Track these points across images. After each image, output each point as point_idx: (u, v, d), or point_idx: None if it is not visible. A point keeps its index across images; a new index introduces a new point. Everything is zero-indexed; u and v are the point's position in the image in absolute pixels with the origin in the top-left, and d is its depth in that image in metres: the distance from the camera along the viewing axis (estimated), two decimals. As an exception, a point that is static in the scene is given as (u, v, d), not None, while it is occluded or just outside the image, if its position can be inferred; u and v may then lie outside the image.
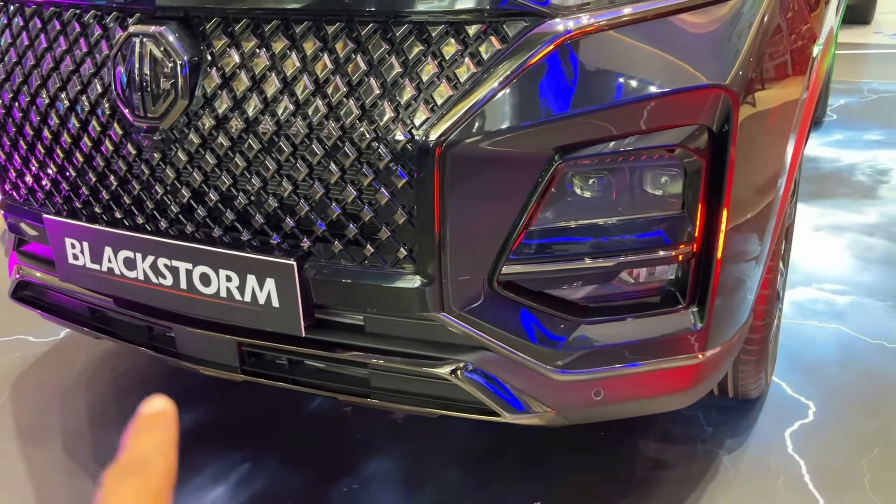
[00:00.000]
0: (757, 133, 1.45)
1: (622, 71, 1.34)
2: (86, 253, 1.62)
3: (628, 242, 1.43)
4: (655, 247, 1.44)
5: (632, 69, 1.34)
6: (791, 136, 1.62)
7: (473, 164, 1.33)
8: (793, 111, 1.59)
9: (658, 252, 1.44)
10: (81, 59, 1.53)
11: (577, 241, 1.42)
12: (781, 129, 1.56)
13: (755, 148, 1.46)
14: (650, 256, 1.44)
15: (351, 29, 1.34)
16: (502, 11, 1.30)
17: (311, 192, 1.39)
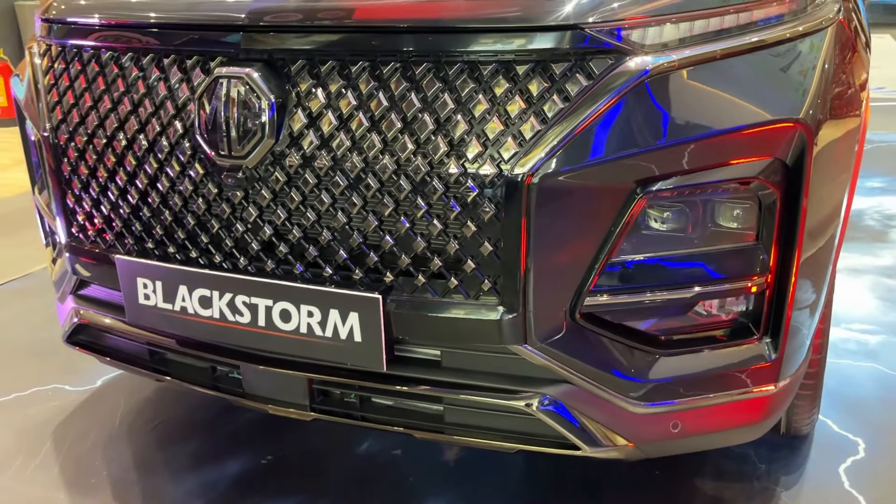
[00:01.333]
0: (827, 167, 1.50)
1: (700, 106, 1.39)
2: (158, 293, 1.62)
3: (706, 274, 1.46)
4: (732, 278, 1.47)
5: (709, 105, 1.39)
6: (850, 171, 1.67)
7: (559, 197, 1.36)
8: (853, 147, 1.64)
9: (734, 283, 1.47)
10: (163, 101, 1.56)
11: (657, 273, 1.45)
12: (845, 164, 1.61)
13: (825, 182, 1.50)
14: (727, 288, 1.47)
15: (438, 68, 1.38)
16: (587, 49, 1.35)
17: (397, 226, 1.42)
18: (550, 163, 1.33)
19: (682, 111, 1.38)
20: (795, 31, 1.51)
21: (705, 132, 1.38)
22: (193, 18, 1.53)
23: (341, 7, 1.45)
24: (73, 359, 2.68)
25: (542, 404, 1.47)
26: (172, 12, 1.57)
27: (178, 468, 2.12)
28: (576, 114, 1.34)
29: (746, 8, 1.46)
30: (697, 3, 1.42)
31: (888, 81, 8.35)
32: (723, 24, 1.44)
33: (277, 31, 1.46)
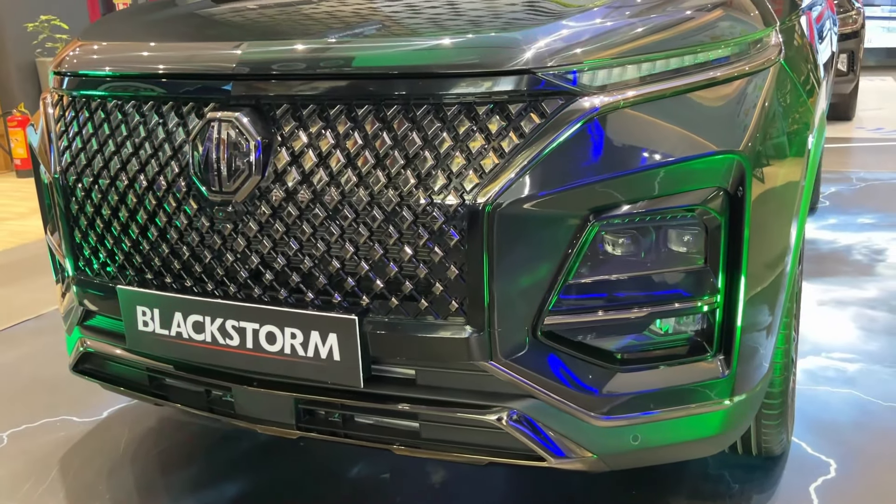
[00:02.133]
0: (768, 196, 1.62)
1: (646, 140, 1.52)
2: (156, 319, 1.75)
3: (658, 295, 1.57)
4: (682, 299, 1.58)
5: (655, 138, 1.53)
6: (796, 200, 1.79)
7: (517, 224, 1.49)
8: (796, 177, 1.76)
9: (685, 303, 1.58)
10: (161, 143, 1.71)
11: (611, 294, 1.56)
12: (789, 194, 1.73)
13: (768, 209, 1.62)
14: (678, 307, 1.58)
15: (407, 110, 1.53)
16: (540, 91, 1.49)
17: (372, 253, 1.55)
18: (509, 193, 1.47)
19: (629, 145, 1.52)
20: (738, 71, 1.65)
21: (652, 164, 1.51)
22: (189, 69, 1.69)
23: (318, 57, 1.60)
24: (81, 392, 2.81)
25: (511, 419, 1.58)
26: (171, 64, 1.73)
27: (179, 492, 2.22)
28: (531, 149, 1.47)
29: (691, 51, 1.61)
30: (643, 48, 1.57)
31: (886, 122, 8.49)
32: (668, 65, 1.58)
33: (263, 79, 1.62)
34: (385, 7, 1.95)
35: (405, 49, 1.59)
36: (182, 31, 2.01)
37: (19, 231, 5.50)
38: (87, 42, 1.94)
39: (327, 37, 1.69)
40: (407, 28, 1.76)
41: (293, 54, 1.63)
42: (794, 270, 1.87)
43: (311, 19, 1.93)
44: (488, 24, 1.71)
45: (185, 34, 1.97)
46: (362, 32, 1.71)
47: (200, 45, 1.74)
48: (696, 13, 1.71)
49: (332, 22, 1.86)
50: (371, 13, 1.89)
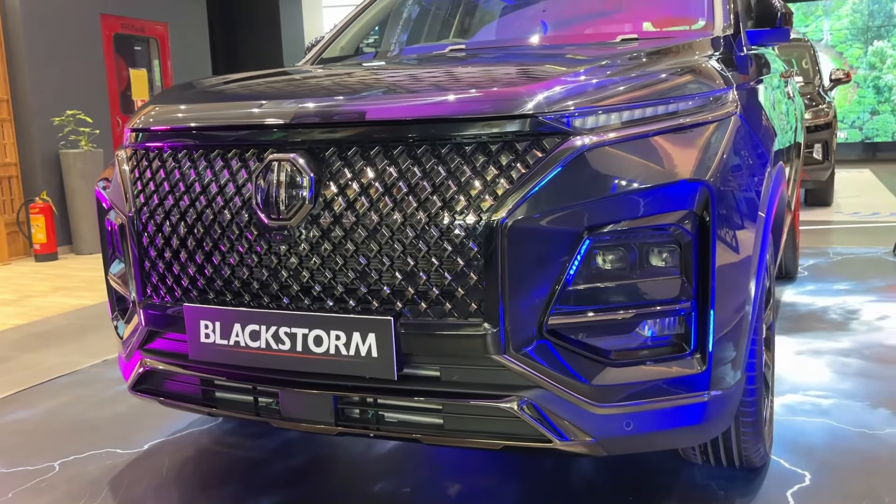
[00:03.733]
0: (730, 217, 1.96)
1: (628, 171, 1.87)
2: (217, 331, 2.06)
3: (642, 300, 1.89)
4: (661, 303, 1.90)
5: (636, 169, 1.88)
6: (756, 223, 2.12)
7: (525, 238, 1.82)
8: (755, 203, 2.11)
9: (663, 307, 1.90)
10: (226, 182, 2.06)
11: (603, 298, 1.88)
12: (750, 216, 2.07)
13: (731, 229, 1.96)
14: (658, 310, 1.90)
15: (433, 148, 1.88)
16: (541, 132, 1.85)
17: (404, 265, 1.87)
18: (517, 213, 1.80)
19: (614, 174, 1.86)
20: (702, 119, 2.02)
21: (634, 190, 1.86)
22: (253, 121, 2.05)
23: (359, 109, 1.97)
24: (122, 429, 3.06)
25: (522, 406, 1.87)
26: (237, 117, 2.09)
27: None
28: (535, 177, 1.82)
29: (664, 103, 1.98)
30: (625, 100, 1.94)
31: (863, 208, 8.97)
32: (644, 113, 1.95)
33: (314, 127, 1.98)
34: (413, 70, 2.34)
35: (431, 100, 1.96)
36: (242, 93, 2.39)
37: (43, 306, 5.79)
38: (161, 104, 2.31)
39: (367, 92, 2.07)
40: (432, 84, 2.14)
41: (338, 107, 2.00)
42: (761, 285, 2.18)
43: (353, 81, 2.32)
44: (501, 79, 2.09)
45: (244, 95, 2.35)
46: (395, 89, 2.08)
47: (262, 102, 2.11)
48: (670, 76, 2.10)
49: (371, 82, 2.25)
50: (401, 76, 2.28)
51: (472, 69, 2.32)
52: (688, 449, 2.44)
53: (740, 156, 2.07)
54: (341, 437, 2.91)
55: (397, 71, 2.39)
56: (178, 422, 3.11)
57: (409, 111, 1.93)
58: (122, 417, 3.24)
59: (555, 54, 2.60)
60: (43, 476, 2.72)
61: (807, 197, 9.24)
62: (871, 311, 4.38)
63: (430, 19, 3.70)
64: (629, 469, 2.58)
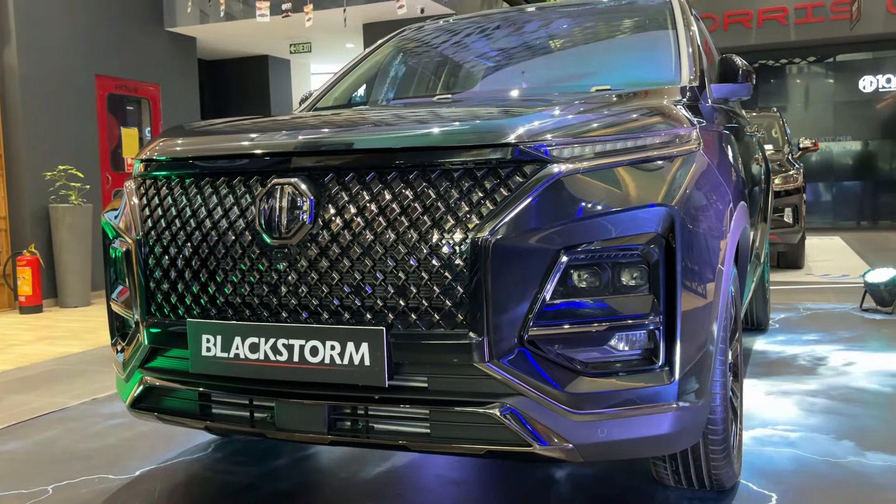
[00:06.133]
0: (693, 240, 2.14)
1: (603, 195, 2.06)
2: (218, 344, 2.19)
3: (613, 315, 2.05)
4: (633, 318, 2.06)
5: (609, 195, 2.06)
6: (719, 248, 2.30)
7: (507, 255, 1.98)
8: (718, 230, 2.30)
9: (634, 322, 2.06)
10: (231, 205, 2.22)
11: (578, 312, 2.04)
12: (712, 242, 2.25)
13: (694, 250, 2.14)
14: (629, 324, 2.06)
15: (424, 173, 2.06)
16: (522, 159, 2.04)
17: (396, 279, 2.03)
18: (500, 232, 1.97)
19: (588, 199, 2.05)
20: (668, 153, 2.23)
21: (605, 212, 2.04)
22: (258, 149, 2.23)
23: (355, 138, 2.16)
24: (115, 458, 3.14)
25: (504, 411, 2.00)
26: (242, 147, 2.27)
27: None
28: (516, 200, 2.00)
29: (633, 137, 2.19)
30: (599, 133, 2.14)
31: (833, 270, 9.23)
32: (615, 146, 2.15)
33: (314, 154, 2.16)
34: (404, 111, 2.54)
35: (421, 130, 2.15)
36: (246, 128, 2.57)
37: (28, 353, 5.85)
38: (169, 137, 2.49)
39: (363, 125, 2.26)
40: (422, 118, 2.33)
41: (335, 137, 2.18)
42: (725, 308, 2.35)
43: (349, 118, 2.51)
44: (485, 115, 2.29)
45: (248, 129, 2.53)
46: (388, 123, 2.27)
47: (266, 134, 2.29)
48: (639, 115, 2.31)
49: (366, 119, 2.44)
50: (393, 114, 2.48)
51: (459, 109, 2.53)
52: (660, 470, 2.56)
53: (703, 188, 2.27)
54: (329, 462, 3.01)
55: (389, 111, 2.60)
56: (169, 451, 3.19)
57: (401, 140, 2.12)
58: (113, 447, 3.31)
59: (534, 98, 2.82)
60: (37, 499, 2.78)
61: (779, 259, 9.51)
62: (839, 358, 4.56)
63: (416, 76, 3.94)
64: (606, 491, 2.69)
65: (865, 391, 3.87)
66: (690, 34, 3.25)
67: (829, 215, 16.15)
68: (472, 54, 3.92)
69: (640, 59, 3.39)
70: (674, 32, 3.32)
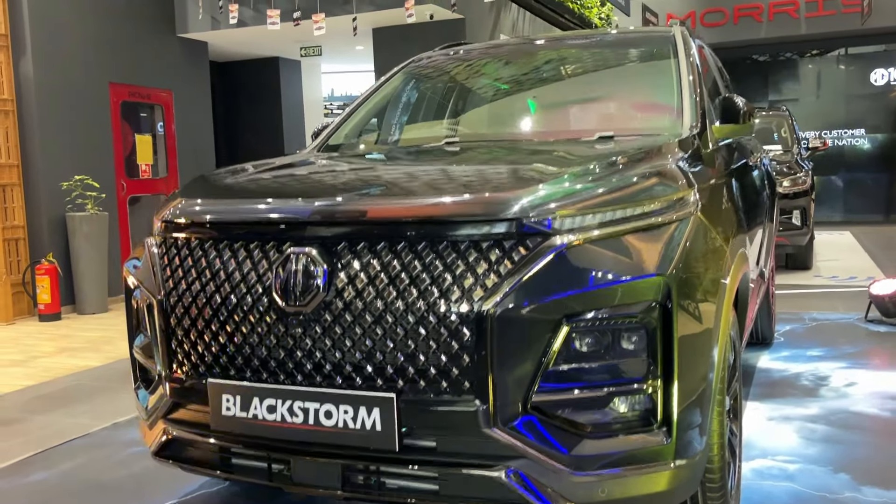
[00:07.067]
0: (689, 307, 2.23)
1: (602, 266, 2.15)
2: (237, 404, 2.30)
3: (613, 379, 2.15)
4: (631, 382, 2.16)
5: (608, 265, 2.16)
6: (717, 306, 2.39)
7: (511, 325, 2.08)
8: (714, 295, 2.39)
9: (633, 386, 2.16)
10: (249, 271, 2.33)
11: (580, 378, 2.14)
12: (708, 308, 2.34)
13: (691, 318, 2.24)
14: (628, 389, 2.16)
15: (432, 244, 2.16)
16: (526, 232, 2.14)
17: (406, 347, 2.13)
18: (504, 303, 2.07)
19: (588, 270, 2.14)
20: (666, 219, 2.31)
21: (605, 282, 2.14)
22: (274, 217, 2.34)
23: (367, 209, 2.26)
24: (139, 490, 3.27)
25: (509, 474, 2.11)
26: (259, 214, 2.38)
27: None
28: (520, 272, 2.10)
29: (632, 206, 2.28)
30: (599, 203, 2.23)
31: (841, 271, 9.28)
32: (615, 215, 2.24)
33: (329, 225, 2.26)
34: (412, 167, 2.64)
35: (431, 202, 2.25)
36: (261, 190, 2.67)
37: (50, 367, 6.00)
38: (187, 198, 2.59)
39: (374, 191, 2.36)
40: (429, 184, 2.43)
41: (348, 206, 2.28)
42: (723, 365, 2.45)
43: (360, 179, 2.61)
44: (491, 182, 2.38)
45: (264, 192, 2.63)
46: (398, 190, 2.37)
47: (281, 200, 2.40)
48: (639, 179, 2.39)
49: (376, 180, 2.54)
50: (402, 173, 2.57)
51: (466, 168, 2.62)
52: (660, 512, 2.67)
53: (699, 252, 2.36)
54: (343, 500, 3.13)
55: (398, 168, 2.70)
56: (190, 484, 3.33)
57: (410, 212, 2.22)
58: (136, 478, 3.45)
59: (539, 154, 2.90)
60: (65, 535, 2.93)
61: (787, 261, 9.57)
62: (841, 378, 4.65)
63: (423, 112, 4.03)
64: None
65: (864, 416, 3.96)
66: (692, 78, 3.32)
67: (840, 209, 16.15)
68: (478, 91, 4.01)
69: (644, 102, 3.47)
70: (677, 74, 3.38)
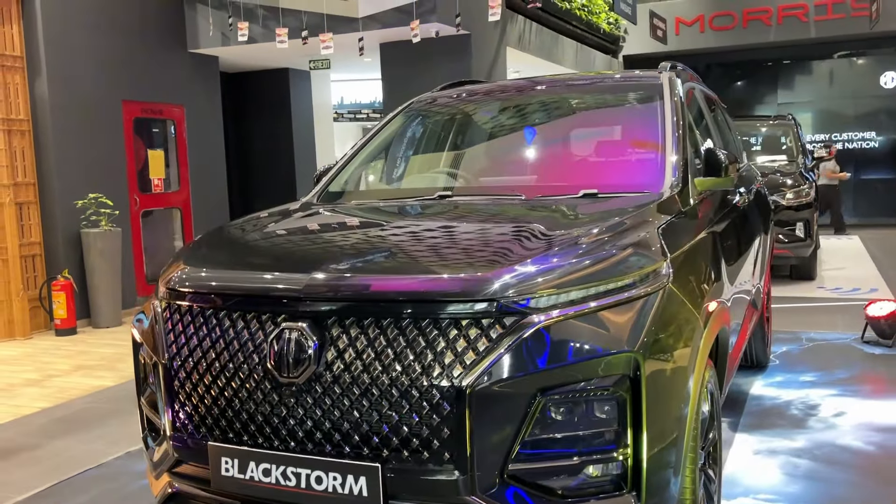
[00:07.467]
0: (659, 379, 2.37)
1: (575, 342, 2.29)
2: (235, 466, 2.46)
3: (585, 448, 2.30)
4: (604, 450, 2.30)
5: (581, 341, 2.29)
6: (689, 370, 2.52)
7: (489, 400, 2.23)
8: (683, 365, 2.52)
9: (605, 454, 2.30)
10: (245, 342, 2.48)
11: (554, 447, 2.28)
12: (677, 377, 2.48)
13: (660, 389, 2.37)
14: (600, 457, 2.30)
15: (416, 322, 2.31)
16: (502, 311, 2.28)
17: (390, 420, 2.28)
18: (482, 379, 2.22)
19: (562, 346, 2.28)
20: (637, 294, 2.44)
21: (577, 359, 2.28)
22: (268, 293, 2.49)
23: (354, 287, 2.40)
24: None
25: (490, 538, 2.26)
26: (256, 286, 2.53)
27: None
28: (497, 349, 2.24)
29: (605, 283, 2.41)
30: (572, 282, 2.37)
31: (846, 282, 9.35)
32: (588, 293, 2.38)
33: (320, 301, 2.41)
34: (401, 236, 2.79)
35: (414, 282, 2.39)
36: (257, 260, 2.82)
37: (65, 387, 6.21)
38: (189, 264, 2.76)
39: (363, 264, 2.51)
40: (417, 263, 2.57)
41: (336, 283, 2.43)
42: (695, 423, 2.58)
43: (351, 248, 2.76)
44: (471, 265, 2.52)
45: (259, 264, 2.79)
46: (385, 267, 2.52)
47: (274, 275, 2.55)
48: (613, 254, 2.51)
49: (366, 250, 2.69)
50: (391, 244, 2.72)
51: (450, 238, 2.77)
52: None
53: (669, 321, 2.49)
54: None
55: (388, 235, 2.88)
56: (196, 521, 3.50)
57: (394, 291, 2.36)
58: (145, 515, 3.63)
59: (522, 221, 3.00)
60: (78, 575, 3.10)
61: (791, 272, 9.66)
62: (830, 407, 4.76)
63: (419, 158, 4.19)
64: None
65: (848, 450, 4.08)
66: (678, 134, 3.43)
67: (850, 212, 16.14)
68: (471, 137, 4.16)
69: (629, 157, 3.59)
70: (662, 128, 3.50)
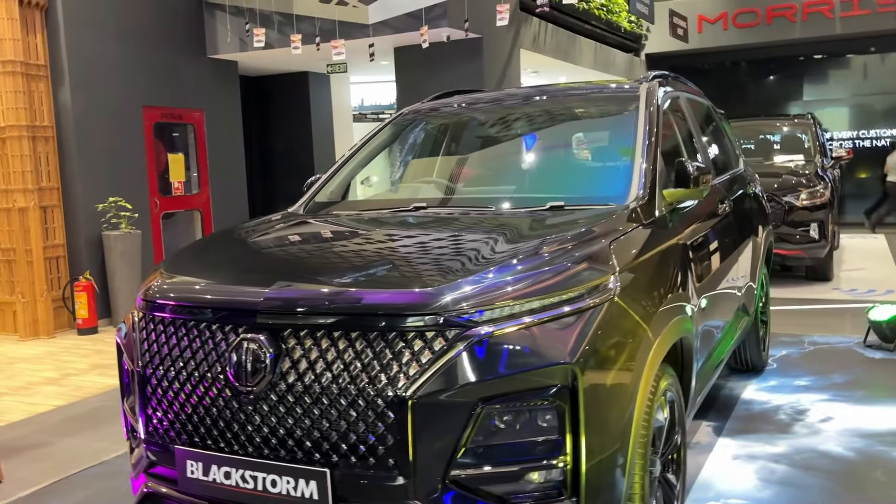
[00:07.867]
0: (597, 391, 2.46)
1: (515, 355, 2.39)
2: (199, 469, 2.61)
3: (525, 455, 2.40)
4: (544, 458, 2.40)
5: (521, 354, 2.40)
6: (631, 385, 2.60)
7: (431, 409, 2.34)
8: (630, 372, 2.61)
9: (545, 461, 2.40)
10: (210, 351, 2.63)
11: (496, 454, 2.39)
12: (617, 390, 2.56)
13: (599, 400, 2.46)
14: (540, 464, 2.40)
15: (364, 333, 2.43)
16: (444, 324, 2.39)
17: (339, 427, 2.41)
18: (425, 388, 2.33)
19: (502, 357, 2.38)
20: (582, 307, 2.54)
21: (520, 368, 2.38)
22: (231, 303, 2.64)
23: (308, 299, 2.54)
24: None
25: (431, 542, 2.38)
26: (219, 299, 2.68)
27: None
28: (439, 360, 2.35)
29: (548, 297, 2.50)
30: (516, 296, 2.47)
31: (862, 283, 9.27)
32: (532, 306, 2.48)
33: (277, 314, 2.55)
34: (370, 257, 2.92)
35: (362, 296, 2.51)
36: (224, 273, 2.97)
37: (82, 386, 6.45)
38: (166, 275, 2.91)
39: (318, 278, 2.64)
40: (368, 280, 2.69)
41: (293, 298, 2.56)
42: (645, 431, 2.66)
43: (314, 263, 2.89)
44: (415, 279, 2.63)
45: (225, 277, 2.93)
46: (341, 282, 2.65)
47: (237, 288, 2.70)
48: (561, 269, 2.60)
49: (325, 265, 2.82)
50: (352, 260, 2.85)
51: (408, 255, 2.90)
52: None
53: (613, 333, 2.58)
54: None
55: (354, 247, 3.00)
56: (183, 518, 3.67)
57: (344, 304, 2.49)
58: (137, 512, 3.81)
59: (479, 237, 3.07)
60: (68, 568, 3.29)
61: (807, 272, 9.59)
62: (819, 412, 4.78)
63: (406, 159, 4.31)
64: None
65: (828, 456, 4.11)
66: (648, 142, 3.50)
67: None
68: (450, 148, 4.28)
69: (599, 167, 3.67)
70: (633, 139, 3.57)
